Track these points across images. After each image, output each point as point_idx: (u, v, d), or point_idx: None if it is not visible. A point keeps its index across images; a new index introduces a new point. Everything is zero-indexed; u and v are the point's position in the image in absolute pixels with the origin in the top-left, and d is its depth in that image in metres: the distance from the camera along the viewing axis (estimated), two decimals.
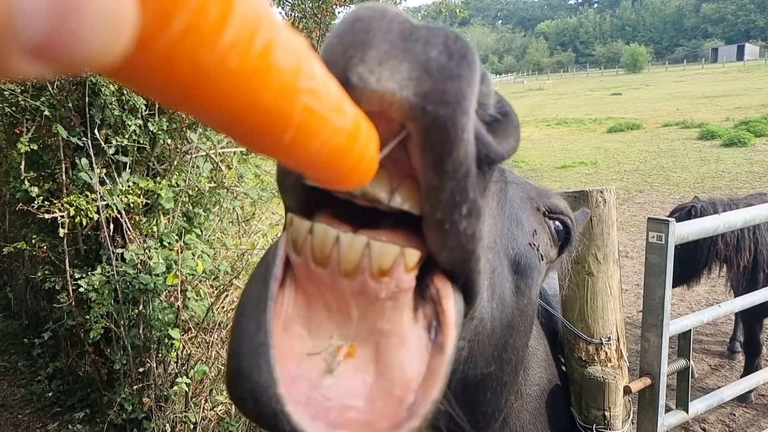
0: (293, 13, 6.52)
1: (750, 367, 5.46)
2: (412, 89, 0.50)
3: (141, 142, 4.67)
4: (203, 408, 4.25)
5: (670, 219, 2.45)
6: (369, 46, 0.50)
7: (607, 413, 2.05)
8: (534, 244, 1.07)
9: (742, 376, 5.40)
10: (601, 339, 2.14)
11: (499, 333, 0.89)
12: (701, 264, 5.31)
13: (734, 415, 5.25)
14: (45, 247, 4.82)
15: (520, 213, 1.07)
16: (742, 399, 5.29)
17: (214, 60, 0.30)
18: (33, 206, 4.29)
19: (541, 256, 1.10)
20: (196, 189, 4.87)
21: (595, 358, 2.14)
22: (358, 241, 0.55)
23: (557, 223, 1.22)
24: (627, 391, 2.19)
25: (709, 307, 3.16)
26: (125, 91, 4.39)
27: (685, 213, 5.12)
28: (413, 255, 0.57)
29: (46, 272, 4.96)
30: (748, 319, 5.47)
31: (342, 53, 0.50)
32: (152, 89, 0.32)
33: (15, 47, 0.23)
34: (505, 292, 0.92)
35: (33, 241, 4.83)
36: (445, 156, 0.51)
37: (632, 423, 2.32)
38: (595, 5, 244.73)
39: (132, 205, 4.46)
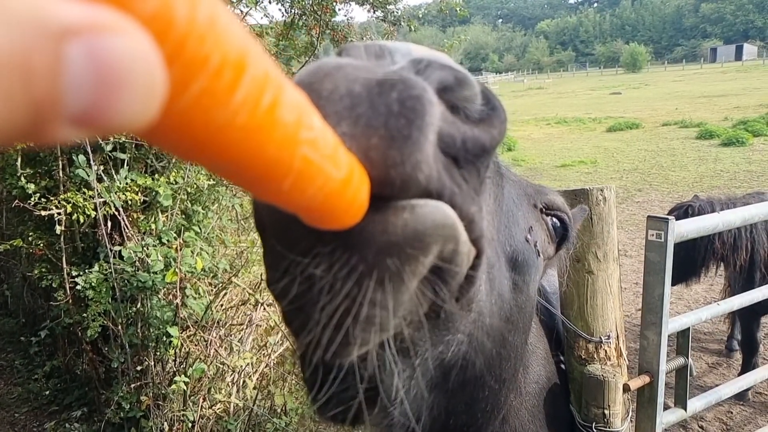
0: (293, 10, 6.50)
1: (747, 366, 5.47)
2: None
3: (139, 139, 4.65)
4: (201, 406, 4.24)
5: (669, 217, 2.45)
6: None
7: (606, 411, 2.05)
8: (531, 241, 1.07)
9: (739, 375, 5.41)
10: (600, 337, 2.13)
11: (498, 329, 0.89)
12: (699, 263, 5.32)
13: (731, 413, 5.25)
14: (42, 245, 4.80)
15: (516, 209, 1.07)
16: (740, 397, 5.30)
17: (226, 118, 0.33)
18: (29, 203, 4.26)
19: (539, 252, 1.10)
20: (195, 186, 4.86)
21: (595, 356, 2.13)
22: None
23: (554, 219, 1.22)
24: (626, 389, 2.19)
25: (707, 306, 3.16)
26: None
27: (682, 212, 5.12)
28: None
29: (43, 270, 4.94)
30: (746, 317, 5.48)
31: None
32: (165, 143, 0.34)
33: (59, 119, 0.26)
34: (504, 287, 0.91)
35: (30, 238, 4.81)
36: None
37: (631, 421, 2.32)
38: (595, 5, 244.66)
39: (130, 202, 4.44)
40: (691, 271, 5.45)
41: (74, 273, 4.51)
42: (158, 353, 4.39)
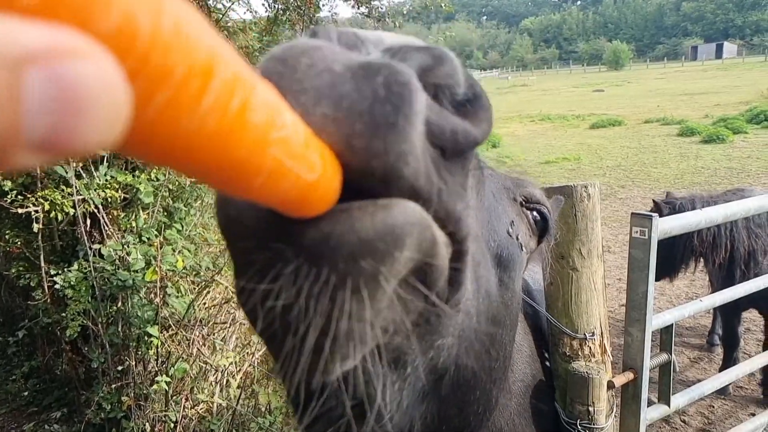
0: (276, 5, 6.43)
1: (728, 360, 5.54)
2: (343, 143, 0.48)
3: None
4: (184, 406, 4.18)
5: (653, 214, 2.45)
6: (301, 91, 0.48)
7: (591, 408, 2.05)
8: (513, 234, 1.05)
9: (720, 369, 5.49)
10: (585, 334, 2.13)
11: (486, 328, 0.87)
12: (678, 260, 5.37)
13: (713, 407, 5.33)
14: (19, 243, 4.70)
15: (497, 203, 1.06)
16: (721, 391, 5.37)
17: (193, 125, 0.31)
18: (6, 201, 4.17)
19: (521, 246, 1.08)
20: (177, 183, 4.78)
21: (579, 353, 2.13)
22: None
23: (534, 213, 1.22)
24: (611, 385, 2.19)
25: (690, 302, 3.18)
26: None
27: (669, 209, 5.15)
28: None
29: (21, 268, 4.84)
30: (727, 312, 5.55)
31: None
32: (130, 152, 0.33)
33: (18, 146, 0.24)
34: (491, 285, 0.90)
35: (7, 236, 4.71)
36: (392, 188, 0.50)
37: (615, 417, 2.33)
38: (578, 3, 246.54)
39: (110, 199, 4.36)
40: (669, 269, 5.51)
41: (53, 272, 4.42)
42: (139, 353, 4.32)
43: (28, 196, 4.25)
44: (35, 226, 4.15)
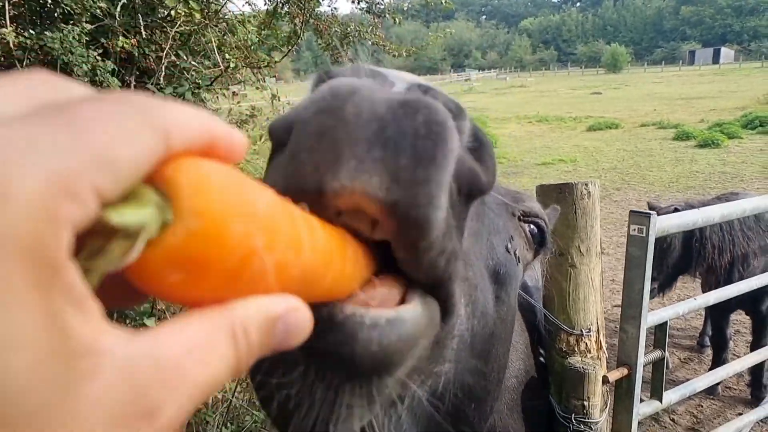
0: None
1: (718, 361, 5.59)
2: (384, 196, 0.52)
3: None
4: None
5: (651, 212, 2.48)
6: (339, 165, 0.52)
7: (586, 403, 2.08)
8: (511, 250, 1.07)
9: (710, 370, 5.54)
10: (581, 330, 2.16)
11: (481, 346, 0.88)
12: (693, 266, 5.41)
13: (702, 406, 5.37)
14: None
15: (497, 221, 1.07)
16: (710, 391, 5.41)
17: (319, 296, 0.51)
18: None
19: (518, 260, 1.10)
20: None
21: (576, 349, 2.16)
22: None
23: (532, 226, 1.23)
24: (605, 381, 2.22)
25: (685, 300, 3.22)
26: (98, 71, 4.25)
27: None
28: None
29: None
30: (716, 314, 5.61)
31: (314, 171, 0.53)
32: None
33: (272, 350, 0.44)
34: (488, 305, 0.90)
35: None
36: (419, 242, 0.55)
37: (608, 413, 2.35)
38: (578, 4, 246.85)
39: None
40: (672, 277, 5.59)
41: None
42: None
43: None
44: None
